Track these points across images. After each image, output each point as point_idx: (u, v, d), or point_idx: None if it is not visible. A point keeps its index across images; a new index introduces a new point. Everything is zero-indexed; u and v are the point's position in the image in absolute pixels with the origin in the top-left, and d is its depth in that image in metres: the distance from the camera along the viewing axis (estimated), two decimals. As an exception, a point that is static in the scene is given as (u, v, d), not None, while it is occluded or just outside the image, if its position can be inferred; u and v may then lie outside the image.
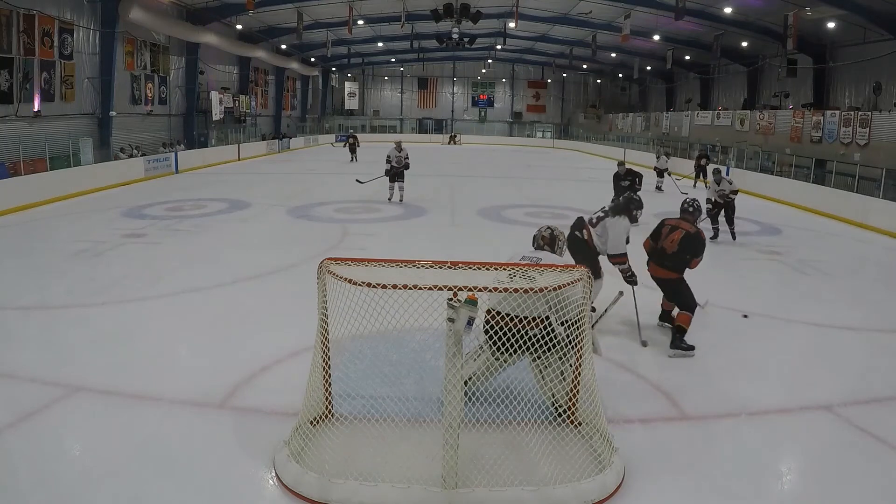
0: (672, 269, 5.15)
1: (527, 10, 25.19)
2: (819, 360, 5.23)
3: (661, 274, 5.21)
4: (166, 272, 7.40)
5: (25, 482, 3.22)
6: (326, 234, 9.92)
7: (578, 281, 3.39)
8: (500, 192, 15.82)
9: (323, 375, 3.60)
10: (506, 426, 3.54)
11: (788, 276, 8.16)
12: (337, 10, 25.98)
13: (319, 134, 38.49)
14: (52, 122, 15.59)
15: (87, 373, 4.46)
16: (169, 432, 3.73)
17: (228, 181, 17.44)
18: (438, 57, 41.33)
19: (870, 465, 3.61)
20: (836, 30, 19.70)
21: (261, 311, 6.07)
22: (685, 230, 5.15)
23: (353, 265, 3.39)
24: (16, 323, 5.60)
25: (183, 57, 23.43)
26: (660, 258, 5.19)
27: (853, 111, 18.80)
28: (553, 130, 44.00)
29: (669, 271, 5.15)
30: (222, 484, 3.25)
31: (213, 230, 10.21)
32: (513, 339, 3.50)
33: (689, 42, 26.88)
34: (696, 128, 28.69)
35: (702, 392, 4.47)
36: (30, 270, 7.37)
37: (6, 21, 14.07)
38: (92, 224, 10.46)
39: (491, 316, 3.70)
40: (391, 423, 3.53)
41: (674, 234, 5.16)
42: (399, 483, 3.04)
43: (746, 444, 3.79)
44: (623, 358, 4.96)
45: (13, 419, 3.77)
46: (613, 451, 3.35)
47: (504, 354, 3.68)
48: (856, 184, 13.67)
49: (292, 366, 4.54)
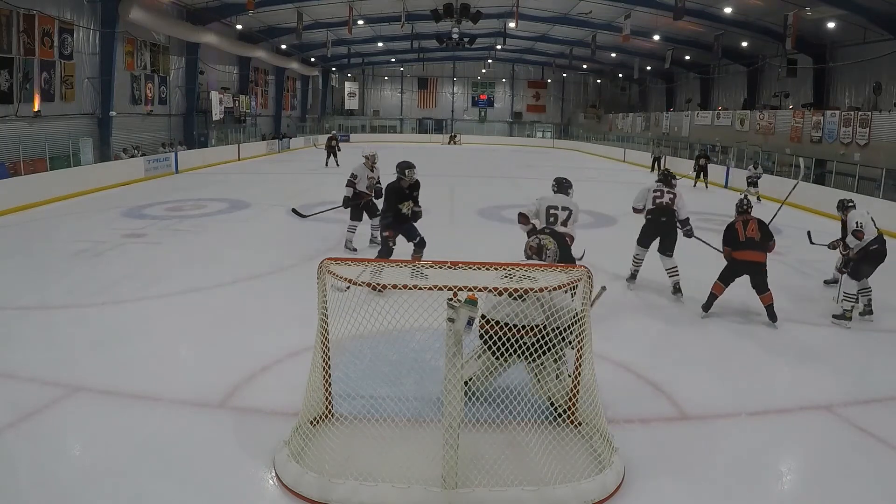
0: (763, 252, 5.93)
1: (527, 10, 25.17)
2: (819, 360, 5.23)
3: (757, 258, 5.90)
4: (166, 272, 7.41)
5: (25, 482, 3.22)
6: (326, 234, 9.92)
7: (579, 281, 3.39)
8: (500, 192, 15.82)
9: (323, 375, 3.60)
10: (506, 426, 3.54)
11: (788, 275, 8.16)
12: (337, 10, 25.98)
13: (319, 134, 38.47)
14: (52, 122, 15.59)
15: (87, 373, 4.47)
16: (169, 432, 3.73)
17: (228, 181, 17.44)
18: (438, 57, 41.30)
19: (870, 465, 3.61)
20: (836, 30, 19.70)
21: (261, 311, 6.07)
22: (756, 219, 6.02)
23: (353, 265, 3.40)
24: (16, 323, 5.60)
25: (183, 57, 23.43)
26: (753, 246, 5.89)
27: (853, 111, 18.81)
28: (553, 130, 43.98)
29: (762, 254, 5.92)
30: (222, 484, 3.25)
31: (213, 230, 10.21)
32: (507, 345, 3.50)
33: (689, 42, 26.88)
34: (696, 128, 28.70)
35: (702, 392, 4.47)
36: (30, 270, 7.37)
37: (6, 21, 14.07)
38: (92, 224, 10.46)
39: (486, 321, 3.68)
40: (391, 423, 3.54)
41: (750, 224, 5.97)
42: (399, 483, 3.04)
43: (746, 444, 3.79)
44: (623, 358, 4.96)
45: (13, 419, 3.77)
46: (613, 451, 3.35)
47: (501, 359, 3.68)
48: (856, 184, 13.68)
49: (292, 366, 4.54)
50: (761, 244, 5.89)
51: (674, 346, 5.46)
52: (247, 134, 28.26)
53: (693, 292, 6.93)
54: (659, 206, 6.76)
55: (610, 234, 9.87)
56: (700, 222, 12.25)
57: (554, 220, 6.04)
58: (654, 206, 6.79)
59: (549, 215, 6.07)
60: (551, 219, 6.06)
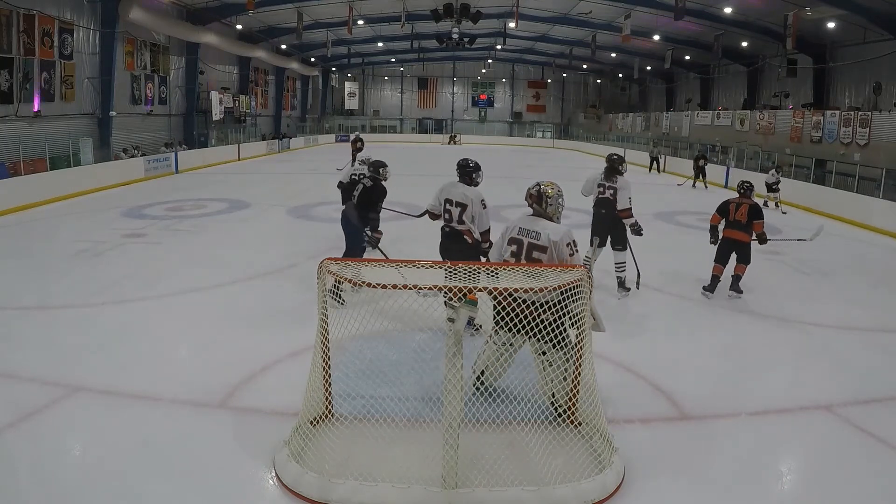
0: (746, 234, 6.70)
1: (527, 10, 25.18)
2: (819, 360, 5.23)
3: (738, 237, 6.73)
4: (166, 272, 7.40)
5: (25, 482, 3.22)
6: (326, 234, 9.92)
7: (579, 281, 3.39)
8: (500, 191, 15.79)
9: (323, 375, 3.60)
10: (506, 426, 3.54)
11: (788, 275, 8.16)
12: (337, 10, 25.98)
13: (319, 134, 38.50)
14: (52, 122, 15.59)
15: (87, 373, 4.46)
16: (169, 432, 3.73)
17: (228, 181, 17.44)
18: (438, 57, 41.32)
19: (870, 465, 3.61)
20: (836, 30, 19.70)
21: (261, 311, 6.07)
22: (748, 204, 6.72)
23: (353, 265, 3.40)
24: (16, 323, 5.59)
25: (183, 57, 23.43)
26: (738, 227, 6.71)
27: (853, 111, 18.80)
28: (553, 130, 43.99)
29: (745, 234, 6.70)
30: (222, 484, 3.25)
31: (213, 230, 10.21)
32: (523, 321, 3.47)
33: (689, 42, 26.88)
34: (696, 128, 28.70)
35: (702, 392, 4.47)
36: (30, 270, 7.37)
37: (6, 21, 14.07)
38: (92, 224, 10.46)
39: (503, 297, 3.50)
40: (391, 423, 3.54)
41: (741, 208, 6.70)
42: (399, 483, 3.04)
43: (746, 444, 3.79)
44: (623, 358, 4.96)
45: (13, 419, 3.77)
46: (613, 451, 3.35)
47: (509, 335, 3.66)
48: (856, 184, 13.67)
49: (292, 366, 4.54)
50: (746, 227, 6.69)
51: (674, 346, 5.46)
52: (247, 134, 28.26)
53: (691, 291, 6.94)
54: (601, 199, 6.67)
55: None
56: (700, 222, 12.25)
57: (449, 216, 5.24)
58: (598, 199, 6.71)
59: (445, 210, 5.27)
60: (447, 215, 5.27)
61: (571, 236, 3.88)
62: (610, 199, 6.56)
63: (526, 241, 3.90)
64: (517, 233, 3.96)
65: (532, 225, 3.94)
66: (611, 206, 6.56)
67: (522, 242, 3.92)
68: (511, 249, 3.96)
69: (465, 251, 5.15)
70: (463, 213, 5.19)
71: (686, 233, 11.24)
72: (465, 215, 5.19)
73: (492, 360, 3.87)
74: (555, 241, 3.81)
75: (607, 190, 6.60)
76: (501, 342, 3.83)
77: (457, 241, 5.23)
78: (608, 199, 6.58)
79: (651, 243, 10.22)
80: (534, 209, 4.02)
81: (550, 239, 3.82)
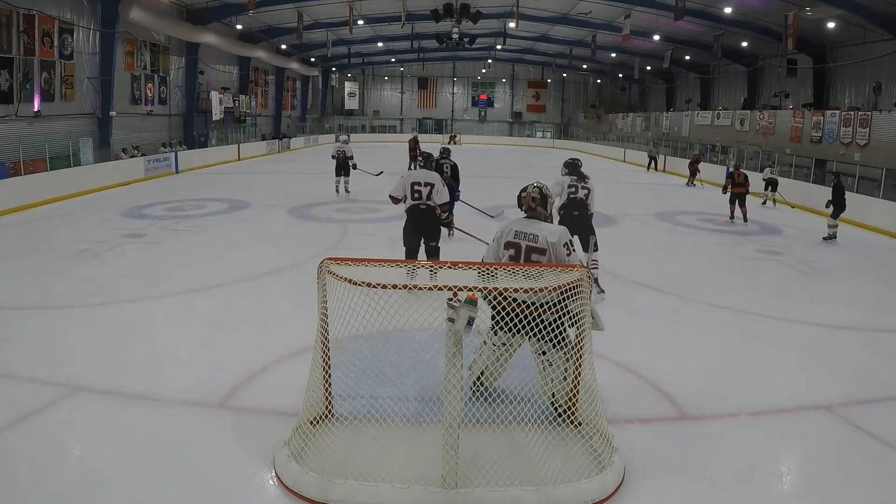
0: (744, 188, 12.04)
1: (527, 10, 25.19)
2: (819, 360, 5.23)
3: (742, 191, 12.01)
4: (166, 272, 7.40)
5: (25, 482, 3.22)
6: (326, 234, 9.92)
7: (579, 281, 3.39)
8: (500, 191, 15.79)
9: (323, 375, 3.60)
10: (506, 426, 3.54)
11: (788, 275, 8.17)
12: (337, 10, 25.99)
13: (319, 134, 38.47)
14: (52, 122, 15.59)
15: (87, 373, 4.46)
16: (169, 432, 3.73)
17: (228, 181, 17.45)
18: (438, 57, 41.34)
19: (870, 465, 3.61)
20: (836, 30, 19.70)
21: (261, 311, 6.07)
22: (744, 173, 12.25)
23: (353, 265, 3.39)
24: (16, 323, 5.59)
25: (183, 57, 23.43)
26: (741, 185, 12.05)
27: (853, 111, 18.81)
28: (553, 130, 43.99)
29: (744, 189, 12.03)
30: (222, 484, 3.25)
31: (213, 230, 10.21)
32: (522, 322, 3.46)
33: (689, 42, 26.88)
34: (696, 128, 28.71)
35: (702, 392, 4.47)
36: (30, 270, 7.37)
37: (6, 21, 14.07)
38: (92, 224, 10.46)
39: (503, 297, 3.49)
40: (391, 423, 3.53)
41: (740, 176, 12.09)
42: (399, 483, 3.04)
43: (746, 444, 3.79)
44: (623, 358, 4.96)
45: (13, 419, 3.77)
46: (613, 451, 3.35)
47: (508, 335, 3.66)
48: (856, 184, 13.67)
49: (292, 366, 4.54)
50: (744, 184, 11.97)
51: (674, 346, 5.46)
52: (247, 134, 28.27)
53: (691, 290, 6.94)
54: (573, 200, 6.68)
55: (610, 234, 9.86)
56: (700, 222, 12.26)
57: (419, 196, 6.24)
58: (568, 201, 6.70)
59: (414, 191, 6.26)
60: (416, 195, 6.26)
61: (568, 236, 3.88)
62: (583, 200, 6.68)
63: (524, 244, 3.88)
64: (513, 236, 3.92)
65: (528, 227, 3.91)
66: (583, 207, 6.68)
67: (520, 246, 3.89)
68: (509, 254, 3.91)
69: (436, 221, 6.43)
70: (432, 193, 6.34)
71: (686, 233, 11.24)
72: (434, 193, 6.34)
73: (490, 361, 3.87)
74: (553, 243, 3.81)
75: (580, 190, 6.70)
76: (500, 343, 3.83)
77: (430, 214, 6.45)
78: (581, 200, 6.68)
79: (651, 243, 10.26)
80: (529, 211, 4.01)
81: (548, 241, 3.82)
